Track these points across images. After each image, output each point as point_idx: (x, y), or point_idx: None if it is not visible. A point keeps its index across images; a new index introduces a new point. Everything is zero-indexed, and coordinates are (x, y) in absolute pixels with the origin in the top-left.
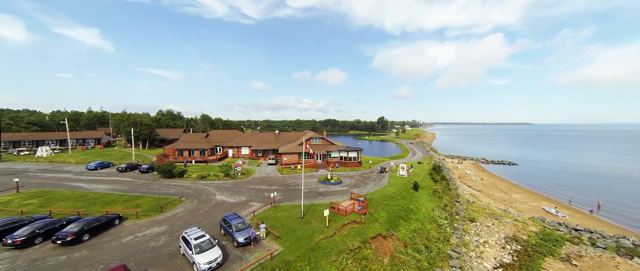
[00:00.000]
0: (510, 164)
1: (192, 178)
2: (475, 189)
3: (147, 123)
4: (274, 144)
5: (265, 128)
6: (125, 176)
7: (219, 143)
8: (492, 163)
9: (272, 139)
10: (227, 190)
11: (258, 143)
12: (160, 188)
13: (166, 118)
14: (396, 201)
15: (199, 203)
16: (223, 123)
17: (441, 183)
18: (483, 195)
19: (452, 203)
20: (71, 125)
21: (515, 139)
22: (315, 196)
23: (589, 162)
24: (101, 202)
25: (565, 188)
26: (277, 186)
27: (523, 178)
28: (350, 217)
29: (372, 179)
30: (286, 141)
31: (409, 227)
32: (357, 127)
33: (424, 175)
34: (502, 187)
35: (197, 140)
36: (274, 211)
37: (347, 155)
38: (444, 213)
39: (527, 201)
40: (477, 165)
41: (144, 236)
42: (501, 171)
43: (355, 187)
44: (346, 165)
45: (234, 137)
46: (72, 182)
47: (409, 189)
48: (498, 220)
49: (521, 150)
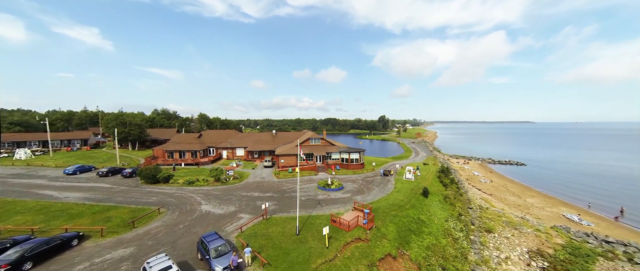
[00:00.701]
0: (518, 164)
1: (178, 183)
2: (486, 193)
3: (137, 123)
4: (270, 145)
5: (265, 127)
6: (104, 181)
7: (212, 144)
8: (499, 164)
9: (268, 139)
10: (215, 199)
11: (254, 144)
12: (141, 196)
13: (161, 117)
14: (405, 211)
15: (181, 215)
16: (221, 122)
17: (451, 188)
18: (495, 199)
19: (465, 210)
20: (62, 126)
21: (518, 138)
22: (313, 205)
23: (599, 162)
24: (66, 215)
25: (581, 191)
26: (271, 193)
27: (534, 180)
28: (354, 233)
29: (377, 184)
30: (284, 141)
31: (421, 244)
32: (358, 126)
33: (432, 178)
34: (515, 190)
35: (189, 141)
36: (265, 226)
37: (348, 157)
38: (459, 224)
39: (544, 206)
40: (484, 166)
41: (102, 262)
42: (510, 172)
43: (359, 193)
44: (348, 168)
45: (228, 137)
46: (43, 189)
47: (418, 195)
48: (517, 230)
49: (527, 149)
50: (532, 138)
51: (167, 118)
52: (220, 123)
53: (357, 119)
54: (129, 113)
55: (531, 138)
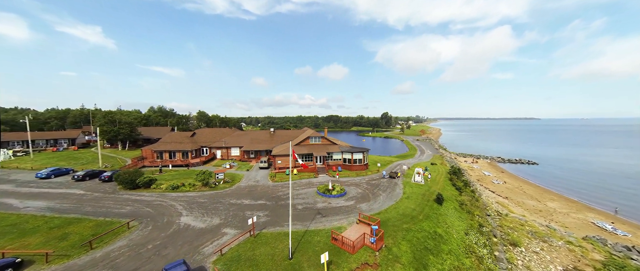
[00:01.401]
0: (529, 163)
1: (161, 189)
2: (500, 196)
3: (127, 121)
4: (268, 144)
5: (266, 125)
6: (79, 187)
7: (205, 143)
8: (509, 163)
9: (266, 138)
10: (199, 208)
11: (250, 143)
12: (114, 205)
13: (157, 115)
14: (419, 224)
15: (154, 230)
16: (220, 120)
17: (466, 192)
18: (512, 203)
19: (484, 219)
20: (56, 124)
21: (525, 135)
22: (311, 216)
23: (615, 160)
24: (17, 231)
25: (603, 193)
26: (264, 200)
27: (550, 181)
28: (360, 256)
29: (383, 188)
30: (282, 140)
31: (442, 267)
32: (360, 123)
33: (443, 180)
34: (531, 193)
35: (180, 140)
36: (251, 246)
37: (351, 157)
38: (481, 238)
39: (569, 212)
40: (494, 165)
41: None
42: (522, 172)
43: (363, 200)
44: (351, 169)
45: (224, 135)
46: (5, 196)
47: (431, 202)
48: (546, 242)
49: (535, 146)
50: (538, 135)
51: (164, 116)
52: (220, 121)
53: (360, 116)
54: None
55: (538, 135)
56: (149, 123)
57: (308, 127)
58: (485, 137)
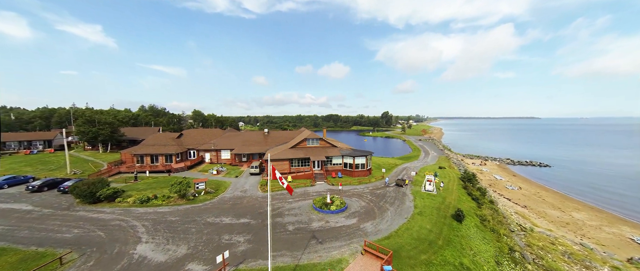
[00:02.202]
0: (541, 166)
1: (128, 202)
2: (518, 204)
3: (108, 122)
4: (261, 146)
5: (265, 124)
6: (30, 200)
7: (193, 145)
8: (519, 165)
9: (259, 140)
10: (165, 230)
11: (242, 146)
12: (59, 226)
13: (147, 114)
14: (440, 252)
15: (95, 266)
16: (216, 119)
17: (485, 204)
18: (533, 213)
19: (511, 239)
20: (40, 124)
21: (529, 134)
22: (304, 242)
23: (633, 162)
24: None
25: (630, 200)
26: (249, 217)
27: (569, 186)
28: None
29: (390, 200)
30: (277, 142)
31: None
32: (361, 122)
33: (456, 188)
34: (552, 201)
35: (164, 143)
36: None
37: (353, 162)
38: (516, 269)
39: (600, 225)
40: (504, 167)
41: None
42: (535, 175)
43: (368, 216)
44: (352, 174)
45: (214, 136)
46: None
47: (449, 220)
48: (587, 268)
49: (543, 147)
50: (543, 135)
51: (154, 115)
52: (216, 120)
53: (360, 115)
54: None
55: (542, 134)
56: (138, 123)
57: (306, 127)
58: (489, 136)
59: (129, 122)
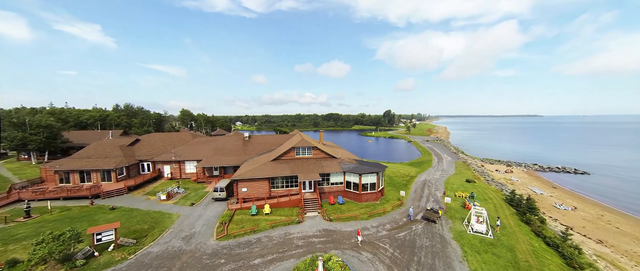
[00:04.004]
0: (576, 172)
1: None
2: (590, 238)
3: (44, 124)
4: (238, 156)
5: (263, 124)
6: None
7: (148, 156)
8: (550, 171)
9: (236, 147)
10: None
11: (213, 155)
12: None
13: (119, 114)
14: None
15: None
16: (206, 119)
17: (573, 257)
18: (623, 256)
19: None
20: None
21: (540, 133)
22: None
23: None
24: None
25: None
26: None
27: (632, 203)
28: None
29: (421, 252)
30: (260, 149)
31: None
32: (362, 121)
33: (517, 227)
34: (629, 229)
35: (107, 153)
36: None
37: (359, 181)
38: None
39: None
40: (534, 175)
41: None
42: (579, 186)
43: None
44: (358, 199)
45: (180, 142)
46: None
47: None
48: None
49: (565, 148)
50: (554, 134)
51: (129, 115)
52: (205, 121)
53: (361, 114)
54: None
55: (553, 133)
56: (107, 125)
57: (305, 128)
58: (498, 136)
59: (94, 123)
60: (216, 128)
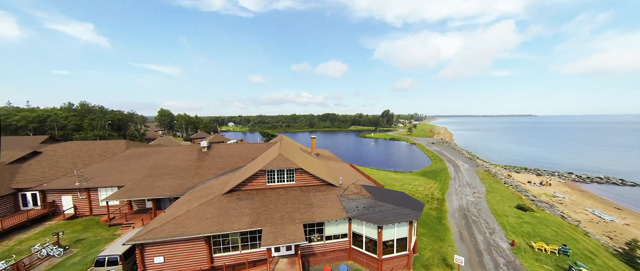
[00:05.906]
0: (624, 184)
1: None
2: None
3: None
4: (186, 178)
5: (257, 124)
6: None
7: (39, 178)
8: (591, 182)
9: (187, 164)
10: None
11: (144, 179)
12: None
13: (71, 115)
14: None
15: None
16: (187, 120)
17: None
18: None
19: None
20: None
21: (546, 133)
22: None
23: None
24: None
25: None
26: None
27: None
28: None
29: None
30: (224, 166)
31: None
32: (360, 121)
33: None
34: None
35: None
36: None
37: (378, 238)
38: None
39: None
40: (579, 189)
41: None
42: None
43: None
44: (370, 266)
45: (105, 156)
46: None
47: None
48: None
49: (584, 151)
50: (560, 134)
51: (80, 116)
52: (186, 122)
53: (359, 114)
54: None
55: (565, 134)
56: (45, 127)
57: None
58: (503, 137)
59: (26, 126)
60: (197, 130)
